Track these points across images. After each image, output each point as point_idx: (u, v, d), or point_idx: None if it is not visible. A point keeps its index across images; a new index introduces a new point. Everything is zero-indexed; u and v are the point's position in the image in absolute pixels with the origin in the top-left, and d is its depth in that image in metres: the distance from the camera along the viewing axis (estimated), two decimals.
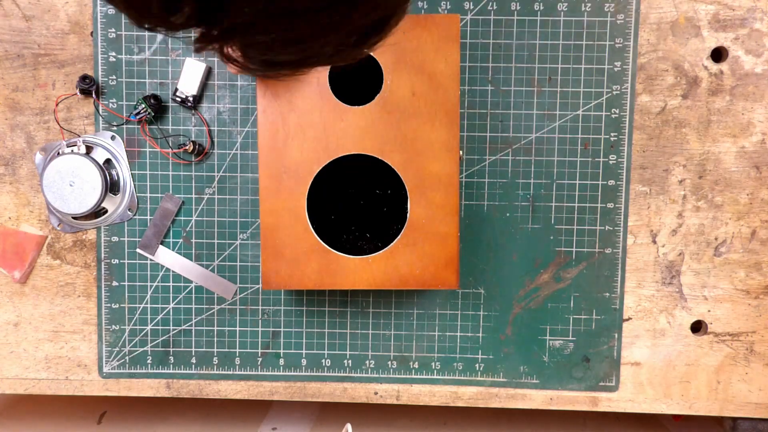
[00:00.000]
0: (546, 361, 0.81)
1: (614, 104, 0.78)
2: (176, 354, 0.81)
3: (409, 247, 0.70)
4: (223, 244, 0.80)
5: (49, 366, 0.81)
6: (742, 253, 0.80)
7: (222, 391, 0.82)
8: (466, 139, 0.79)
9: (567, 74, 0.78)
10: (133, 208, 0.79)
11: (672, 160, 0.79)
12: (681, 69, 0.78)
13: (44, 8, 0.77)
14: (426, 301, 0.81)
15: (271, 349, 0.81)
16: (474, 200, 0.79)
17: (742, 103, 0.78)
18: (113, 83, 0.78)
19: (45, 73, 0.78)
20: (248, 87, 0.78)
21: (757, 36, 0.77)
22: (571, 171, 0.79)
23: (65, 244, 0.80)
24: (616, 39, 0.77)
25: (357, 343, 0.81)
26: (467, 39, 0.78)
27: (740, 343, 0.80)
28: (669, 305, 0.80)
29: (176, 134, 0.78)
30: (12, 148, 0.79)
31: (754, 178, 0.79)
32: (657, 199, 0.79)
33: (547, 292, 0.80)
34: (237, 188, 0.79)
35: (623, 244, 0.79)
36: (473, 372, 0.82)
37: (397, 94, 0.68)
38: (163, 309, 0.81)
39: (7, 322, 0.81)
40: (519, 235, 0.80)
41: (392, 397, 0.82)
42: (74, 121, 0.78)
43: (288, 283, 0.70)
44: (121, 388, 0.82)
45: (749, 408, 0.81)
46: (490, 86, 0.78)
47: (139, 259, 0.80)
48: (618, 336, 0.81)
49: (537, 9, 0.77)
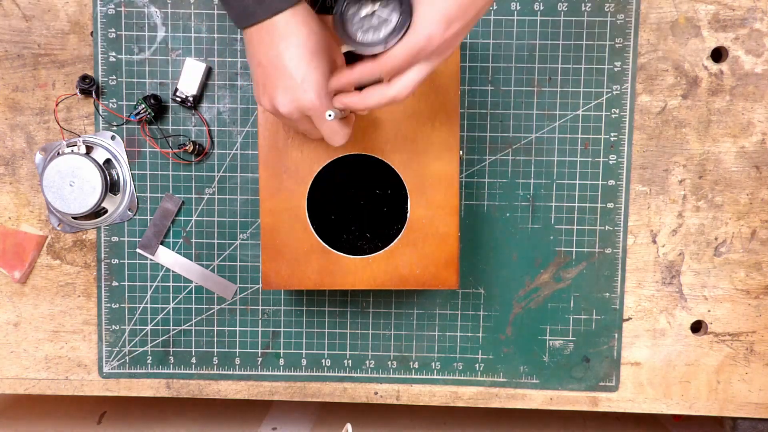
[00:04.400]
0: (546, 361, 0.81)
1: (614, 104, 0.78)
2: (176, 354, 0.81)
3: (409, 247, 0.70)
4: (223, 244, 0.80)
5: (49, 366, 0.81)
6: (742, 253, 0.80)
7: (222, 391, 0.82)
8: (466, 139, 0.79)
9: (567, 74, 0.78)
10: (133, 208, 0.79)
11: (672, 160, 0.79)
12: (681, 69, 0.78)
13: (44, 8, 0.77)
14: (426, 301, 0.81)
15: (271, 349, 0.81)
16: (474, 200, 0.79)
17: (742, 103, 0.78)
18: (113, 83, 0.78)
19: (45, 73, 0.78)
20: (248, 87, 0.78)
21: (757, 36, 0.77)
22: (571, 171, 0.79)
23: (65, 244, 0.80)
24: (616, 39, 0.77)
25: (357, 343, 0.81)
26: (467, 39, 0.78)
27: (740, 343, 0.81)
28: (669, 305, 0.80)
29: (176, 134, 0.78)
30: (12, 148, 0.79)
31: (754, 178, 0.79)
32: (657, 199, 0.79)
33: (547, 292, 0.80)
34: (237, 188, 0.79)
35: (623, 244, 0.79)
36: (473, 372, 0.82)
37: None
38: (163, 309, 0.81)
39: (7, 322, 0.81)
40: (519, 235, 0.80)
41: (392, 397, 0.82)
42: (74, 121, 0.78)
43: (288, 283, 0.70)
44: (121, 388, 0.82)
45: (749, 408, 0.81)
46: (490, 86, 0.78)
47: (139, 259, 0.80)
48: (618, 336, 0.81)
49: (537, 9, 0.77)
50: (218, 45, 0.77)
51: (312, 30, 0.57)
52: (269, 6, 0.55)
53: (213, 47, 0.77)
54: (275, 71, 0.57)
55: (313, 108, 0.58)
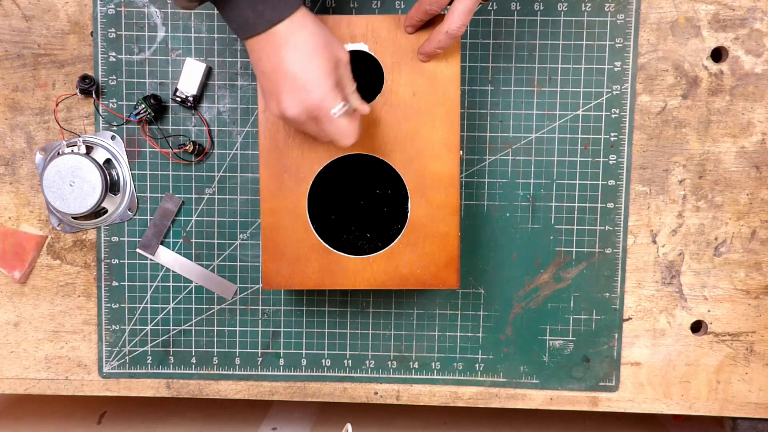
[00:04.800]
0: (546, 361, 0.81)
1: (614, 104, 0.78)
2: (176, 354, 0.81)
3: (410, 247, 0.70)
4: (223, 244, 0.80)
5: (49, 366, 0.81)
6: (742, 253, 0.80)
7: (222, 391, 0.82)
8: (466, 139, 0.79)
9: (567, 74, 0.78)
10: (133, 208, 0.79)
11: (672, 160, 0.79)
12: (681, 69, 0.78)
13: (44, 8, 0.77)
14: (426, 301, 0.81)
15: (271, 349, 0.81)
16: (474, 200, 0.79)
17: (742, 103, 0.78)
18: (113, 83, 0.78)
19: (45, 73, 0.78)
20: (248, 87, 0.78)
21: (757, 36, 0.77)
22: (571, 171, 0.79)
23: (65, 244, 0.80)
24: (616, 39, 0.77)
25: (357, 343, 0.81)
26: (467, 39, 0.78)
27: (740, 343, 0.81)
28: (669, 305, 0.80)
29: (176, 134, 0.78)
30: (12, 148, 0.79)
31: (754, 178, 0.79)
32: (657, 199, 0.79)
33: (547, 292, 0.80)
34: (237, 188, 0.79)
35: (623, 244, 0.80)
36: (473, 372, 0.82)
37: (397, 94, 0.68)
38: (163, 309, 0.81)
39: (7, 322, 0.81)
40: (519, 235, 0.80)
41: (392, 397, 0.82)
42: (74, 121, 0.78)
43: (288, 283, 0.70)
44: (121, 388, 0.82)
45: (749, 408, 0.81)
46: (490, 86, 0.78)
47: (139, 259, 0.80)
48: (618, 336, 0.81)
49: (537, 9, 0.77)
50: (218, 45, 0.77)
51: (311, 32, 0.58)
52: (269, 18, 0.56)
53: (213, 47, 0.77)
54: (279, 76, 0.58)
55: (318, 106, 0.59)
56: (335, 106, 0.59)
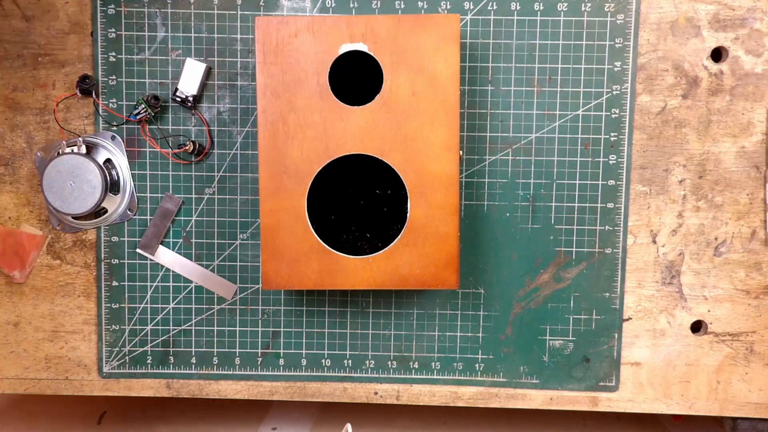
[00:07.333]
0: (546, 361, 0.81)
1: (614, 104, 0.78)
2: (176, 354, 0.81)
3: (409, 247, 0.70)
4: (223, 244, 0.80)
5: (49, 366, 0.82)
6: (742, 253, 0.80)
7: (222, 391, 0.82)
8: (466, 139, 0.79)
9: (567, 74, 0.78)
10: (133, 208, 0.79)
11: (672, 160, 0.79)
12: (681, 69, 0.78)
13: (44, 8, 0.77)
14: (426, 301, 0.81)
15: (271, 349, 0.81)
16: (474, 200, 0.79)
17: (742, 103, 0.78)
18: (113, 83, 0.78)
19: (45, 73, 0.78)
20: (248, 87, 0.78)
21: (757, 36, 0.77)
22: (571, 171, 0.79)
23: (65, 244, 0.80)
24: (616, 39, 0.77)
25: (357, 343, 0.81)
26: (467, 39, 0.78)
27: (740, 343, 0.81)
28: (669, 305, 0.80)
29: (176, 134, 0.78)
30: (12, 148, 0.79)
31: (754, 178, 0.79)
32: (657, 199, 0.79)
33: (547, 292, 0.80)
34: (237, 188, 0.79)
35: (623, 244, 0.79)
36: (473, 372, 0.82)
37: (397, 94, 0.68)
38: (163, 309, 0.81)
39: (7, 322, 0.81)
40: (519, 235, 0.80)
41: (392, 397, 0.82)
42: (74, 121, 0.78)
43: (288, 283, 0.70)
44: (121, 388, 0.82)
45: (749, 408, 0.81)
46: (490, 86, 0.78)
47: (139, 259, 0.80)
48: (618, 336, 0.81)
49: (537, 9, 0.77)
50: (218, 45, 0.77)
51: None
52: None
53: (213, 47, 0.77)
54: None
55: None
56: None
